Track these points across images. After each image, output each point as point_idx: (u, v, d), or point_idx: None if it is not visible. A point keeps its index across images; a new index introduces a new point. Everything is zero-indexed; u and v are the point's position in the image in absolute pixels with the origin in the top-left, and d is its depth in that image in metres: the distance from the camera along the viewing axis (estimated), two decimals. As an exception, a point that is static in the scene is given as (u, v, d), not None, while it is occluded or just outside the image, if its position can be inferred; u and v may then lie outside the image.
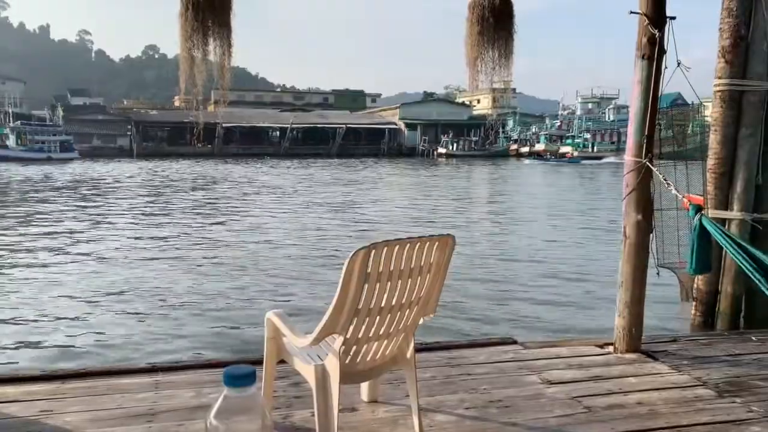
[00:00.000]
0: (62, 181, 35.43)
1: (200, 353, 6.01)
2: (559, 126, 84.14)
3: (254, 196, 26.34)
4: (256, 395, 0.94)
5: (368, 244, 2.29)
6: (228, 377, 0.94)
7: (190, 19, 3.68)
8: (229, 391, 0.93)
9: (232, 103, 75.51)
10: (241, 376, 0.94)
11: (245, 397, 0.93)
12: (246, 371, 0.94)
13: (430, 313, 2.68)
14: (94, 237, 14.54)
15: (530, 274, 10.26)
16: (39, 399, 3.14)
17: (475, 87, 4.08)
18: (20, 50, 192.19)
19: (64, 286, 9.26)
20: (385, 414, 3.01)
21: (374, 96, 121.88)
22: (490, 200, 27.29)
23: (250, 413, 0.92)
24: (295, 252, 12.34)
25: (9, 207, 21.90)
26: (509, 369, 3.65)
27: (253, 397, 0.93)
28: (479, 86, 4.05)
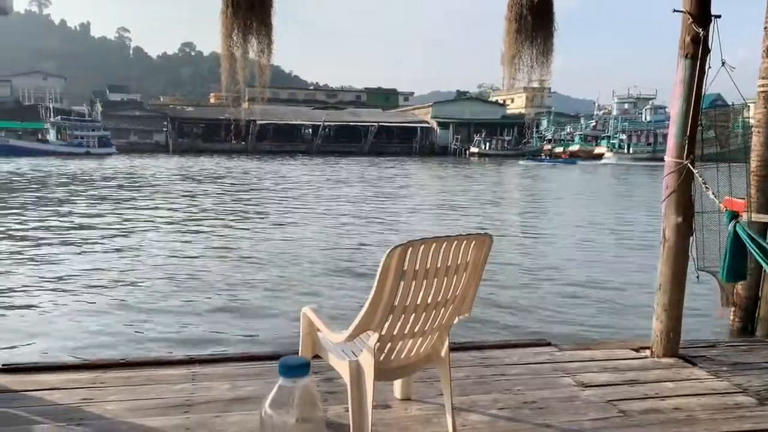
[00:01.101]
0: (103, 175, 36.19)
1: (236, 347, 6.10)
2: (594, 126, 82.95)
3: (287, 193, 26.56)
4: (310, 386, 0.95)
5: (405, 242, 2.30)
6: (283, 367, 0.96)
7: (231, 17, 3.73)
8: (283, 381, 0.95)
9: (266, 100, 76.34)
10: (296, 366, 0.95)
11: (299, 387, 0.94)
12: (300, 362, 0.96)
13: (466, 312, 2.67)
14: (132, 230, 14.86)
15: (562, 276, 10.15)
16: (80, 387, 3.22)
17: (512, 86, 4.04)
18: (61, 47, 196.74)
19: (102, 277, 9.48)
20: (418, 412, 3.01)
21: (407, 94, 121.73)
22: (521, 200, 27.06)
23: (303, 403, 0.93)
24: (329, 248, 12.42)
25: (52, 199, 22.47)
26: (543, 370, 3.62)
27: (307, 388, 0.94)
28: (516, 85, 4.02)
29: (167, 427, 2.79)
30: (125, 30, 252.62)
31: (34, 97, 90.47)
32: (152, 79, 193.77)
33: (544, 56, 3.73)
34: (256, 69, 3.84)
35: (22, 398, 3.08)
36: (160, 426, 2.80)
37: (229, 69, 3.71)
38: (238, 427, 2.81)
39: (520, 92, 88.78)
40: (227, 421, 2.86)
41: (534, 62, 3.72)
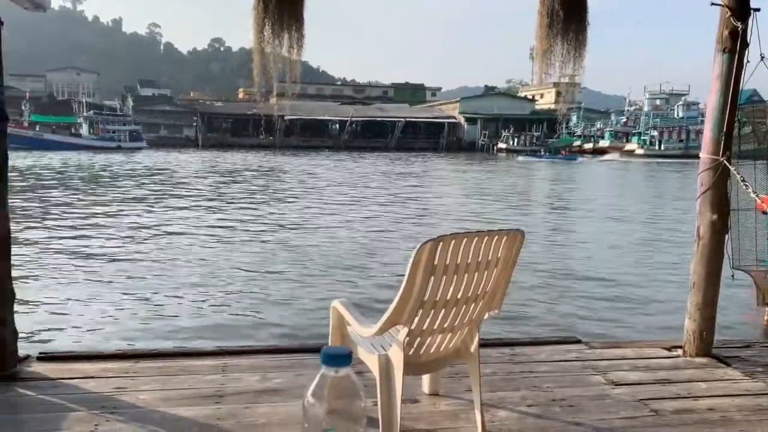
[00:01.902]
0: (133, 169, 36.76)
1: (264, 339, 6.17)
2: (624, 122, 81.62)
3: (315, 188, 26.70)
4: (351, 376, 0.96)
5: (436, 237, 2.29)
6: (325, 357, 0.97)
7: (262, 12, 3.75)
8: (326, 371, 0.96)
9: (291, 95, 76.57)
10: (338, 356, 0.96)
11: (341, 377, 0.95)
12: (342, 352, 0.97)
13: (496, 308, 2.66)
14: (166, 222, 15.11)
15: (591, 274, 10.04)
16: (113, 376, 3.28)
17: (544, 81, 4.00)
18: (94, 43, 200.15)
19: (134, 268, 9.65)
20: (446, 407, 3.01)
21: (434, 90, 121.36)
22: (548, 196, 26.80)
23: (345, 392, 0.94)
24: (357, 242, 12.47)
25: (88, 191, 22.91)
26: (573, 368, 3.58)
27: (349, 378, 0.95)
28: (548, 80, 3.98)
29: (198, 417, 2.83)
30: (156, 26, 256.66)
31: (67, 91, 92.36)
32: (182, 74, 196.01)
33: (576, 51, 3.68)
34: (287, 64, 3.86)
35: (58, 386, 3.15)
36: (191, 416, 2.84)
37: (261, 64, 3.73)
38: (267, 418, 2.84)
39: (550, 88, 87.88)
40: (257, 412, 2.89)
41: (566, 57, 3.68)
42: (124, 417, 2.80)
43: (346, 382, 0.95)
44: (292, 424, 2.77)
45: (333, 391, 0.94)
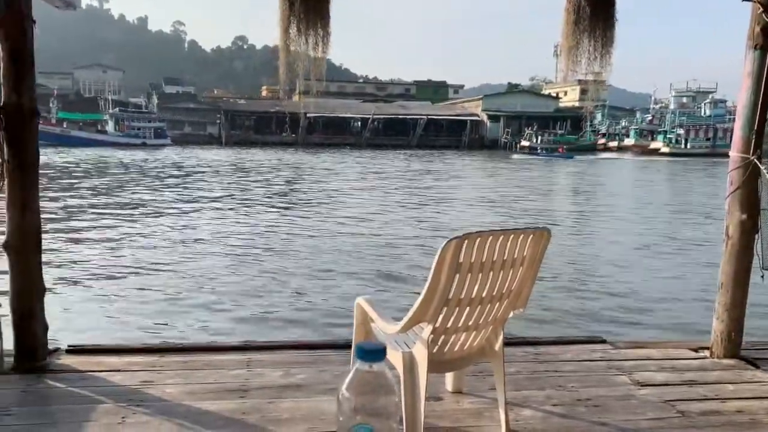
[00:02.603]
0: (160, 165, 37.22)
1: (288, 335, 6.21)
2: (650, 120, 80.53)
3: (339, 185, 26.80)
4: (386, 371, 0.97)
5: (461, 234, 2.29)
6: (360, 351, 0.98)
7: (288, 9, 3.77)
8: (360, 365, 0.97)
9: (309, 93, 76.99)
10: (373, 351, 0.97)
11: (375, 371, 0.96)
12: (377, 347, 0.98)
13: (521, 307, 2.65)
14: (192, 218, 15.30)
15: (615, 272, 9.94)
16: (140, 370, 3.33)
17: (569, 79, 3.96)
18: (120, 41, 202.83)
19: (158, 263, 9.78)
20: (469, 405, 3.00)
21: (457, 87, 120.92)
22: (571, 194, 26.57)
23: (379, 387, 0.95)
24: (381, 240, 12.50)
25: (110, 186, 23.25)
26: (598, 368, 3.55)
27: (383, 372, 0.96)
28: (574, 78, 3.94)
29: (223, 411, 2.86)
30: (181, 24, 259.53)
31: (94, 89, 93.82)
32: (206, 72, 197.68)
33: (603, 48, 3.63)
34: (311, 62, 3.87)
35: (86, 378, 3.20)
36: (216, 410, 2.87)
37: (286, 62, 3.74)
38: (291, 413, 2.85)
39: (574, 85, 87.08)
40: (281, 407, 2.91)
41: (592, 54, 3.64)
42: (150, 410, 2.85)
43: (381, 378, 0.95)
44: (316, 419, 2.79)
45: (367, 385, 0.95)
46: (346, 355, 3.35)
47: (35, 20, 3.22)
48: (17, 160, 3.19)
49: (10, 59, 3.12)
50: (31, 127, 3.25)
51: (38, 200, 3.34)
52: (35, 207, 3.30)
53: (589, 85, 4.60)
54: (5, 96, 3.16)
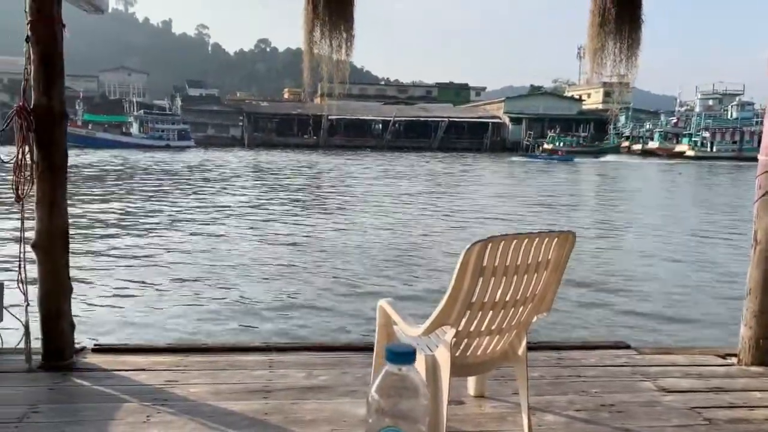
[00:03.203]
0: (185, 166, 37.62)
1: (310, 336, 6.24)
2: (675, 123, 79.49)
3: (360, 187, 26.86)
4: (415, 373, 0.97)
5: (485, 237, 2.28)
6: (390, 354, 0.98)
7: (312, 13, 3.79)
8: (390, 368, 0.97)
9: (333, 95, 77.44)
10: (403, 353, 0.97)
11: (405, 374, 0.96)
12: (407, 349, 0.98)
13: (545, 311, 2.63)
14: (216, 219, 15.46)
15: (641, 277, 9.83)
16: (164, 369, 3.36)
17: (594, 81, 3.93)
18: (144, 44, 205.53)
19: (183, 264, 9.88)
20: (492, 410, 2.99)
21: (479, 89, 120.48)
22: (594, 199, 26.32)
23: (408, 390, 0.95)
24: (404, 243, 12.50)
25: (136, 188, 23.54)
26: (622, 373, 3.51)
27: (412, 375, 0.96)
28: (599, 80, 3.90)
29: (247, 412, 2.88)
30: (204, 27, 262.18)
31: (119, 91, 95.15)
32: (229, 74, 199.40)
33: (629, 50, 3.59)
34: (334, 65, 3.89)
35: (112, 377, 3.24)
36: (240, 410, 2.89)
37: (310, 65, 3.76)
38: (314, 414, 2.86)
39: (598, 87, 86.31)
40: (303, 408, 2.93)
41: (618, 56, 3.60)
42: (174, 409, 2.87)
43: (410, 380, 0.96)
44: (339, 421, 2.80)
45: (396, 388, 0.95)
46: (368, 358, 3.35)
47: (65, 24, 3.28)
48: (47, 162, 3.25)
49: (40, 62, 3.18)
50: (60, 129, 3.31)
51: (66, 201, 3.40)
52: (63, 208, 3.36)
53: (614, 88, 4.56)
54: (36, 99, 3.22)
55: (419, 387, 0.94)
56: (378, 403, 0.93)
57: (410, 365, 0.95)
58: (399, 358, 0.95)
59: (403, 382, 0.94)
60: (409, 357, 0.95)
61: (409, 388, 0.93)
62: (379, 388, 0.94)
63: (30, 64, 3.19)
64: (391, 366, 0.95)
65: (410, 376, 0.94)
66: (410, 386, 0.93)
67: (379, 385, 0.94)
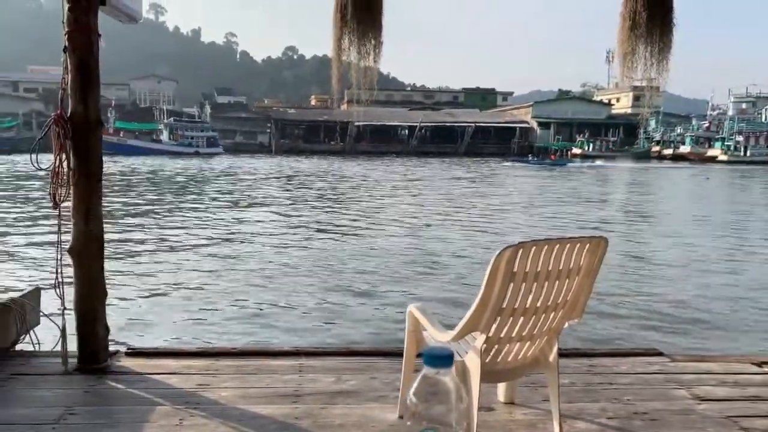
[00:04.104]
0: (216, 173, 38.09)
1: (338, 341, 6.26)
2: (707, 127, 78.10)
3: (389, 191, 26.94)
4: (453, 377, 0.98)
5: (516, 243, 2.27)
6: (428, 357, 0.99)
7: (340, 21, 3.82)
8: (427, 371, 0.98)
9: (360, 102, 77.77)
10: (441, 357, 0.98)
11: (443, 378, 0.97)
12: (445, 353, 0.99)
13: (576, 317, 2.61)
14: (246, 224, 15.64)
15: (673, 283, 9.66)
16: (195, 373, 3.40)
17: (626, 85, 3.89)
18: (174, 52, 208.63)
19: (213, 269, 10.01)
20: (522, 416, 2.97)
21: (506, 94, 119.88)
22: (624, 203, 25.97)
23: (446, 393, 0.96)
24: (434, 248, 12.49)
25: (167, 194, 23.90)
26: (655, 381, 3.46)
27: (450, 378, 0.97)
28: (629, 84, 3.86)
29: (277, 416, 2.90)
30: (233, 35, 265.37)
31: (149, 99, 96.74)
32: (256, 81, 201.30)
33: (660, 54, 3.55)
34: (361, 72, 3.91)
35: (144, 380, 3.30)
36: (269, 414, 2.92)
37: (339, 72, 3.79)
38: (343, 419, 2.87)
39: (627, 92, 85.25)
40: (332, 413, 2.94)
41: (649, 60, 3.56)
42: (206, 413, 2.91)
43: (448, 384, 0.96)
44: (367, 426, 2.80)
45: (434, 391, 0.96)
46: (396, 363, 3.34)
47: (100, 34, 3.36)
48: (83, 169, 3.32)
49: (77, 72, 3.26)
50: (96, 136, 3.38)
51: (101, 207, 3.46)
52: (98, 214, 3.42)
53: (645, 92, 4.50)
54: (72, 107, 3.30)
55: (457, 390, 0.95)
56: (415, 406, 0.93)
57: (448, 368, 0.95)
58: (437, 361, 0.96)
59: (440, 386, 0.94)
60: (447, 360, 0.96)
61: (446, 391, 0.94)
62: (417, 391, 0.94)
63: (67, 74, 3.27)
64: (429, 369, 0.96)
65: (448, 379, 0.94)
66: (448, 390, 0.94)
67: (416, 388, 0.95)
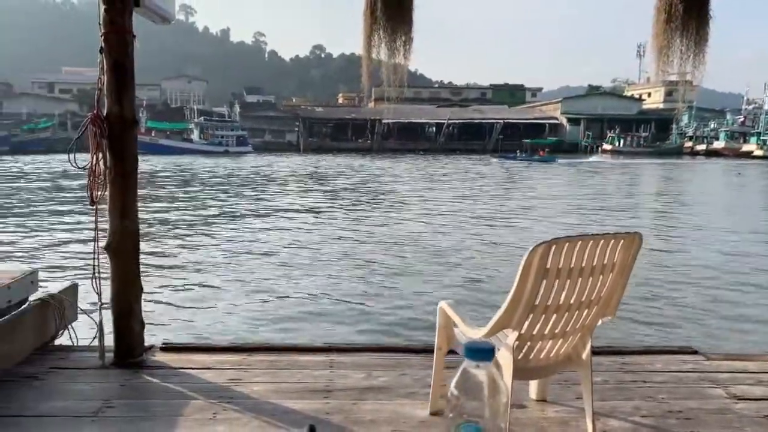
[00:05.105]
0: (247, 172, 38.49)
1: (368, 338, 6.29)
2: (742, 122, 76.32)
3: (421, 188, 26.94)
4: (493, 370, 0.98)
5: (549, 239, 2.25)
6: (469, 351, 0.99)
7: (369, 18, 3.82)
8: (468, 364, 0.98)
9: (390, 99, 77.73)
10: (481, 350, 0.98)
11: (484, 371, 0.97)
12: (487, 347, 0.99)
13: (610, 314, 2.57)
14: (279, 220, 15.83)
15: (707, 280, 9.49)
16: (228, 368, 3.45)
17: (661, 79, 3.83)
18: (204, 52, 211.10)
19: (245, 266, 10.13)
20: (554, 414, 2.95)
21: (535, 90, 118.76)
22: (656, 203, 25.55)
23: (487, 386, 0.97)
24: (464, 244, 12.47)
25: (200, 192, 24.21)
26: (689, 379, 3.40)
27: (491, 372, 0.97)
28: (665, 78, 3.80)
29: (308, 411, 2.92)
30: (261, 35, 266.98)
31: (180, 99, 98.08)
32: (285, 80, 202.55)
33: (696, 47, 3.48)
34: (391, 69, 3.91)
35: (179, 375, 3.35)
36: (301, 409, 2.94)
37: (368, 69, 3.80)
38: (374, 415, 2.89)
39: (658, 86, 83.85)
40: (363, 409, 2.95)
41: (685, 54, 3.49)
42: (239, 407, 2.95)
43: (488, 377, 0.97)
44: (399, 422, 2.81)
45: (475, 384, 0.97)
46: (427, 360, 3.35)
47: (135, 35, 3.42)
48: (119, 167, 3.39)
49: (113, 72, 3.32)
50: (131, 135, 3.45)
51: (137, 204, 3.53)
52: (134, 211, 3.49)
53: (679, 86, 4.42)
54: (108, 107, 3.37)
55: (498, 384, 0.95)
56: (457, 399, 0.94)
57: (489, 362, 0.96)
58: (478, 354, 0.96)
59: (481, 379, 0.95)
60: (487, 354, 0.96)
61: (487, 384, 0.94)
62: (458, 384, 0.95)
63: (103, 74, 3.34)
64: (469, 362, 0.96)
65: (489, 372, 0.95)
66: (489, 383, 0.94)
67: (457, 381, 0.95)
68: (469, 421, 0.94)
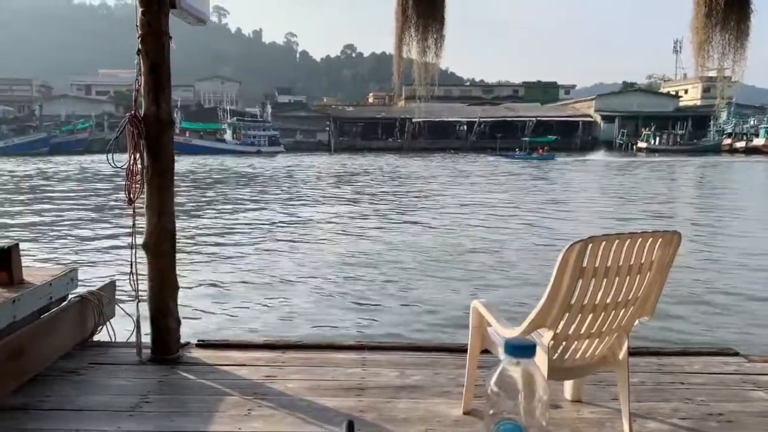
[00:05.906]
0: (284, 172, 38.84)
1: (402, 337, 6.30)
2: (783, 118, 74.09)
3: (452, 187, 26.87)
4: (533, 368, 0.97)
5: (585, 237, 2.22)
6: (509, 347, 0.99)
7: (401, 16, 3.82)
8: (507, 362, 0.98)
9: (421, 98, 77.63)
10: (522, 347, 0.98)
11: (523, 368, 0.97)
12: (527, 344, 0.99)
13: (647, 314, 2.53)
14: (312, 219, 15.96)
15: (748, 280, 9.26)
16: (262, 365, 3.49)
17: (701, 74, 3.75)
18: (236, 53, 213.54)
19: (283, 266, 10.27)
20: (590, 415, 2.91)
21: (567, 87, 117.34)
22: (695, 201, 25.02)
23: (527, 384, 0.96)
24: (498, 242, 12.40)
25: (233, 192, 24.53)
26: (730, 382, 3.32)
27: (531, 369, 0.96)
28: (705, 74, 3.72)
29: (342, 408, 2.94)
30: (293, 35, 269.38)
31: (213, 99, 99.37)
32: (316, 80, 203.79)
33: (738, 41, 3.39)
34: (422, 67, 3.90)
35: (214, 371, 3.40)
36: (335, 406, 2.96)
37: (400, 68, 3.80)
38: (407, 413, 2.89)
39: (696, 83, 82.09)
40: (396, 407, 2.95)
41: (726, 49, 3.41)
42: (273, 404, 2.97)
43: (528, 374, 0.96)
44: (433, 421, 2.81)
45: (514, 381, 0.96)
46: (460, 359, 3.34)
47: (171, 36, 3.47)
48: (155, 167, 3.45)
49: (150, 73, 3.38)
50: (167, 135, 3.50)
51: (173, 204, 3.59)
52: (171, 210, 3.55)
53: (718, 82, 4.32)
54: (145, 107, 3.43)
55: (538, 381, 0.94)
56: (497, 395, 0.93)
57: (529, 359, 0.95)
58: (518, 351, 0.95)
59: (521, 376, 0.94)
60: (528, 351, 0.95)
61: (527, 382, 0.94)
62: (498, 381, 0.94)
63: (140, 75, 3.40)
64: (509, 360, 0.95)
65: (529, 370, 0.94)
66: (529, 380, 0.94)
67: (497, 378, 0.95)
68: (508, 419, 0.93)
